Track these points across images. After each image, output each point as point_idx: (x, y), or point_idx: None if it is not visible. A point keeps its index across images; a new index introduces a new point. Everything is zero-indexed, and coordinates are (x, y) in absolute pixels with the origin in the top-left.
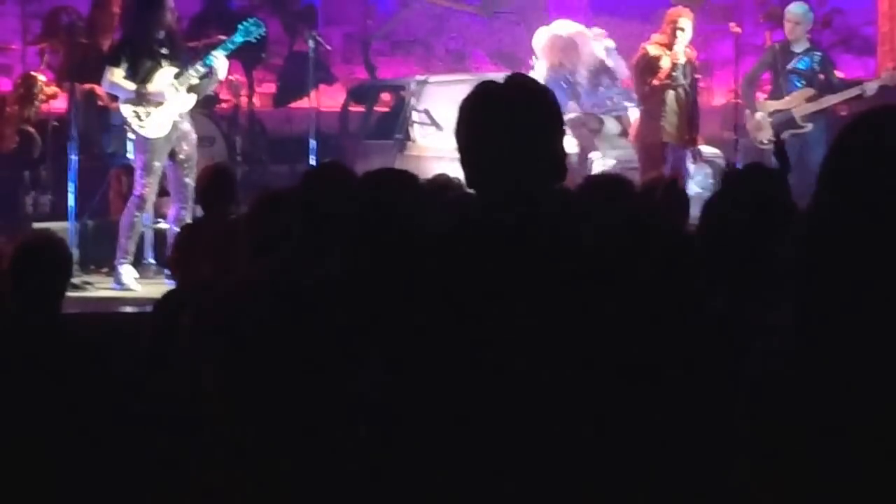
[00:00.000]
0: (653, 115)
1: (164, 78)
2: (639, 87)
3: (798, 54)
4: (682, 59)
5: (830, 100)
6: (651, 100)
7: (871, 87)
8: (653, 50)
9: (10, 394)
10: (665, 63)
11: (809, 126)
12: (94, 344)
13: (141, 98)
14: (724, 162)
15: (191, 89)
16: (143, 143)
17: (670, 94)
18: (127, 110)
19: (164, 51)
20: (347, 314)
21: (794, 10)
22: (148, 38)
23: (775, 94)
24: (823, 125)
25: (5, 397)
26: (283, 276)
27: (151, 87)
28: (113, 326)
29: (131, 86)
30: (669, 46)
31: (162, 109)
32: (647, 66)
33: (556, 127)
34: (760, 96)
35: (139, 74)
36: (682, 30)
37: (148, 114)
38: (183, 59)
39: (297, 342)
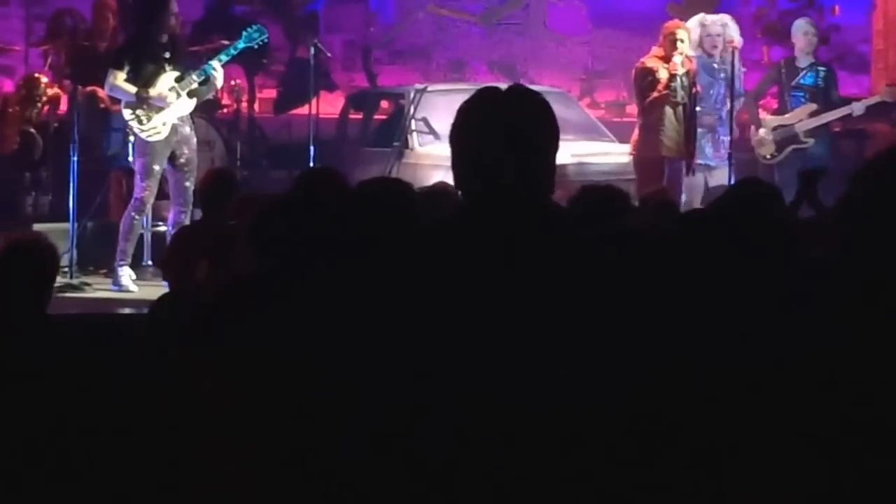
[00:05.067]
0: (652, 128)
1: (165, 81)
2: (637, 101)
3: (803, 69)
4: (680, 71)
5: (826, 116)
6: (650, 113)
7: (858, 108)
8: (649, 63)
9: None
10: (662, 75)
11: (811, 141)
12: (82, 345)
13: (142, 101)
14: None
15: (191, 94)
16: (143, 147)
17: (669, 108)
18: (128, 113)
19: (166, 54)
20: (338, 311)
21: (798, 24)
22: (151, 41)
23: (782, 110)
24: (826, 140)
25: None
26: (278, 276)
27: (153, 90)
28: (110, 327)
29: (133, 89)
30: (667, 59)
31: (163, 113)
32: (645, 80)
33: (551, 139)
34: (762, 112)
35: (141, 78)
36: (681, 41)
37: (149, 117)
38: (185, 63)
39: (290, 340)
